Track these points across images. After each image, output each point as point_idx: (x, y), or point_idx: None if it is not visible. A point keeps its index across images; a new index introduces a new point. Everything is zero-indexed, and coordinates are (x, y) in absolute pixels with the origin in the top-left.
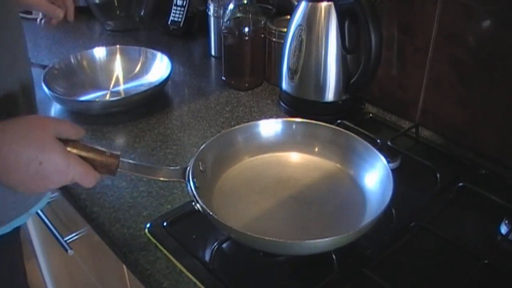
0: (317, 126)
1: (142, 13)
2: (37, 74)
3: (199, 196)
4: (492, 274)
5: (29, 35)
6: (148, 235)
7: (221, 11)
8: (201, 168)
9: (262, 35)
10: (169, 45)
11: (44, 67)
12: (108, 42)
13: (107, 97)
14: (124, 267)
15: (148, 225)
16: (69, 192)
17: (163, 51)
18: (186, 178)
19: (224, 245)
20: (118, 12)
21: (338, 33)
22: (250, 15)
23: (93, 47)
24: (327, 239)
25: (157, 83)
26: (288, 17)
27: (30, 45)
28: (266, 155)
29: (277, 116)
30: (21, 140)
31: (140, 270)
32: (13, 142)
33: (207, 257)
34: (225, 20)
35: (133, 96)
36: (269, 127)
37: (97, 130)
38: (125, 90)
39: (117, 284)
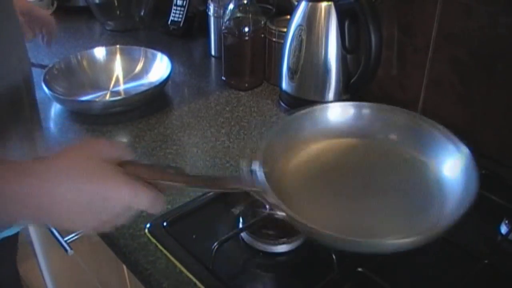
0: (392, 110)
1: (142, 13)
2: (37, 74)
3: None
4: (492, 274)
5: None
6: (148, 235)
7: (221, 11)
8: (266, 169)
9: (262, 35)
10: (169, 45)
11: (44, 67)
12: (108, 42)
13: (107, 97)
14: (124, 267)
15: (148, 225)
16: None
17: (163, 51)
18: (261, 184)
19: (224, 245)
20: (118, 12)
21: (338, 33)
22: (250, 15)
23: (93, 47)
24: (412, 239)
25: (157, 83)
26: (288, 17)
27: (30, 45)
28: (334, 142)
29: (277, 115)
30: (76, 175)
31: (140, 270)
32: (66, 179)
33: (207, 257)
34: (225, 20)
35: (133, 96)
36: (339, 111)
37: (97, 130)
38: (125, 90)
39: (117, 284)
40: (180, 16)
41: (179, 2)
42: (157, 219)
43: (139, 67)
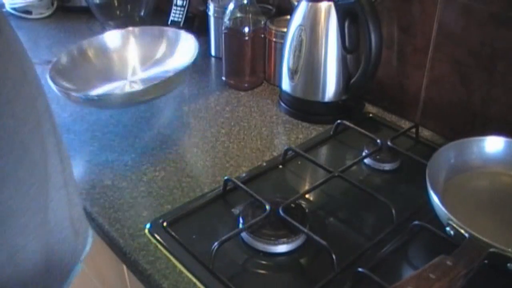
0: None
1: (142, 13)
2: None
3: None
4: (492, 274)
5: (29, 35)
6: (148, 235)
7: (221, 11)
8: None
9: (262, 35)
10: None
11: (49, 62)
12: None
13: (127, 88)
14: (124, 267)
15: (148, 225)
16: None
17: None
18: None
19: (224, 245)
20: (118, 12)
21: (338, 33)
22: (250, 15)
23: None
24: None
25: (182, 67)
26: (288, 17)
27: (30, 44)
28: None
29: (277, 115)
30: None
31: (140, 270)
32: None
33: (207, 257)
34: (225, 20)
35: (158, 84)
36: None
37: (97, 130)
38: (146, 79)
39: (117, 284)
40: (180, 16)
41: (179, 2)
42: (157, 219)
43: (159, 50)
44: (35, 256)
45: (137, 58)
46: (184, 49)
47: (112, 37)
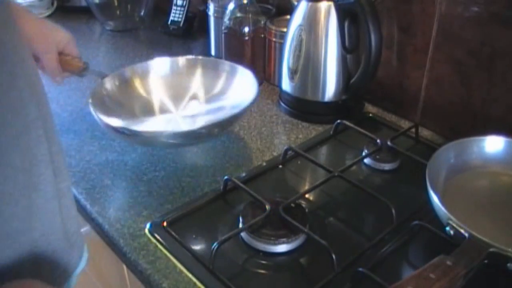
0: None
1: (142, 13)
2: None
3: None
4: (492, 274)
5: None
6: (148, 235)
7: (221, 11)
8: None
9: (262, 35)
10: (169, 45)
11: (103, 76)
12: (108, 42)
13: (179, 125)
14: (124, 267)
15: (148, 225)
16: None
17: (163, 51)
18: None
19: (224, 245)
20: (118, 12)
21: (338, 33)
22: (250, 15)
23: (93, 47)
24: None
25: (247, 103)
26: (288, 17)
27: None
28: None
29: (277, 115)
30: None
31: (140, 270)
32: None
33: (207, 257)
34: (225, 20)
35: (222, 122)
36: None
37: (97, 130)
38: (197, 115)
39: (117, 284)
40: (180, 16)
41: (179, 2)
42: (157, 219)
43: (219, 85)
44: (19, 263)
45: (187, 90)
46: (240, 84)
47: (159, 65)
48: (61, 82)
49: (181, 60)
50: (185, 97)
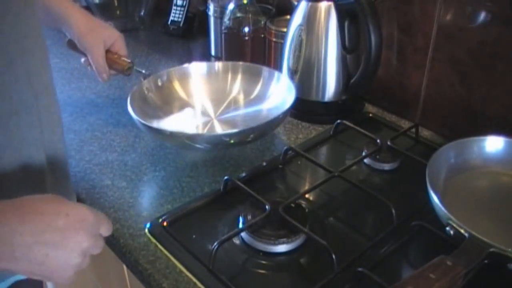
0: None
1: (142, 13)
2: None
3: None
4: (492, 274)
5: None
6: (148, 235)
7: (221, 11)
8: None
9: (262, 35)
10: (169, 45)
11: (144, 76)
12: None
13: (216, 129)
14: (124, 267)
15: (148, 225)
16: None
17: (163, 51)
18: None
19: (224, 245)
20: (118, 12)
21: (338, 33)
22: (250, 15)
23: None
24: None
25: (285, 108)
26: (288, 17)
27: None
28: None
29: None
30: (38, 204)
31: (140, 270)
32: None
33: (207, 257)
34: (225, 20)
35: (261, 126)
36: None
37: (97, 130)
38: (234, 119)
39: (117, 284)
40: (180, 16)
41: (179, 2)
42: (157, 219)
43: (256, 90)
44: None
45: (225, 95)
46: (277, 91)
47: (197, 69)
48: (107, 79)
49: (218, 64)
50: (223, 102)
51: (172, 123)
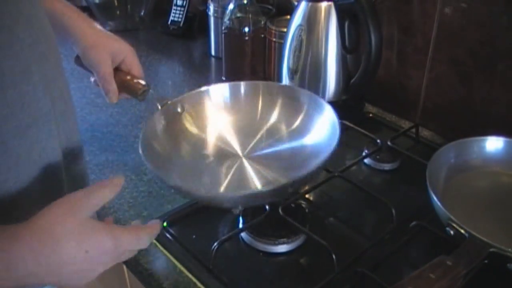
0: None
1: (142, 13)
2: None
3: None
4: (492, 274)
5: None
6: None
7: (221, 11)
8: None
9: (262, 35)
10: (169, 45)
11: (163, 103)
12: None
13: (248, 171)
14: (124, 267)
15: None
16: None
17: (163, 51)
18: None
19: (224, 245)
20: (118, 12)
21: (338, 33)
22: (250, 15)
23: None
24: None
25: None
26: (288, 17)
27: None
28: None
29: None
30: (57, 236)
31: (140, 270)
32: (48, 241)
33: (207, 257)
34: (225, 20)
35: (306, 175)
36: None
37: (97, 130)
38: (266, 157)
39: (117, 284)
40: (180, 16)
41: (179, 2)
42: (157, 219)
43: (296, 123)
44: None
45: (255, 125)
46: (319, 122)
47: (218, 93)
48: (115, 100)
49: (245, 85)
50: (253, 135)
51: (192, 169)
